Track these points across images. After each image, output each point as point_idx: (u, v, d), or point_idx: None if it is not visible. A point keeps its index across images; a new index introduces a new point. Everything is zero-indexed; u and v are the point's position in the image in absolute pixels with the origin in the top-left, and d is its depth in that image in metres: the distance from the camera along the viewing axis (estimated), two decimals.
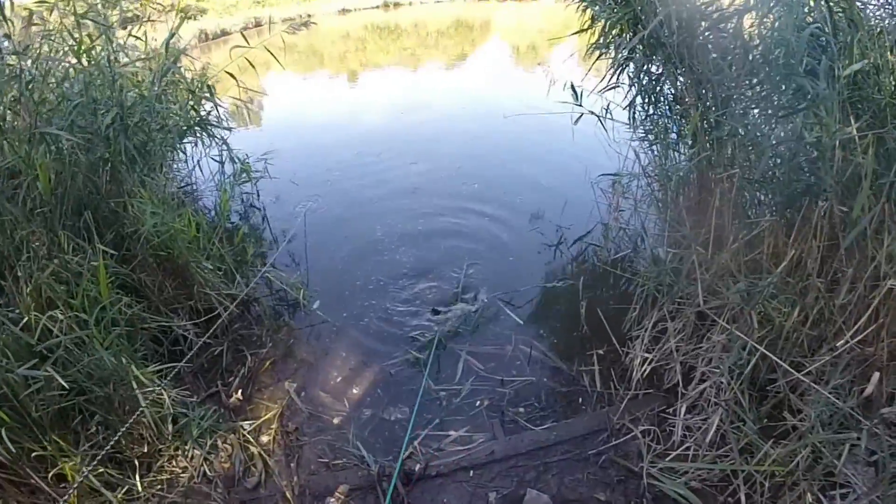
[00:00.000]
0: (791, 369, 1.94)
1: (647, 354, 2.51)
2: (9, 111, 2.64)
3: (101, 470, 2.13)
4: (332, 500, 2.25)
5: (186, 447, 2.39)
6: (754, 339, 2.04)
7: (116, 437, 1.93)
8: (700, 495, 2.03)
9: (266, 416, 2.69)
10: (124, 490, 2.13)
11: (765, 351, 2.00)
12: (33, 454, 2.03)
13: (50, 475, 2.02)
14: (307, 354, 3.18)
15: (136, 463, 2.26)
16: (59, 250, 2.53)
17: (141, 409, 2.21)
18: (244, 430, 2.58)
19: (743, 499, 1.96)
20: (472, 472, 2.38)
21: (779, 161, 2.24)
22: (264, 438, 2.57)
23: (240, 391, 2.79)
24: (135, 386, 2.32)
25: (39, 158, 2.55)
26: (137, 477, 2.20)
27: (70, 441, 2.16)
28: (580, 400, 2.71)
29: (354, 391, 2.92)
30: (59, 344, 2.13)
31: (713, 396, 2.15)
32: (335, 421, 2.72)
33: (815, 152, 2.01)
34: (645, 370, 2.48)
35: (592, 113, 3.16)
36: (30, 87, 2.65)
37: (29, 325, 2.11)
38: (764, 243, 2.19)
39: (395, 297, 3.65)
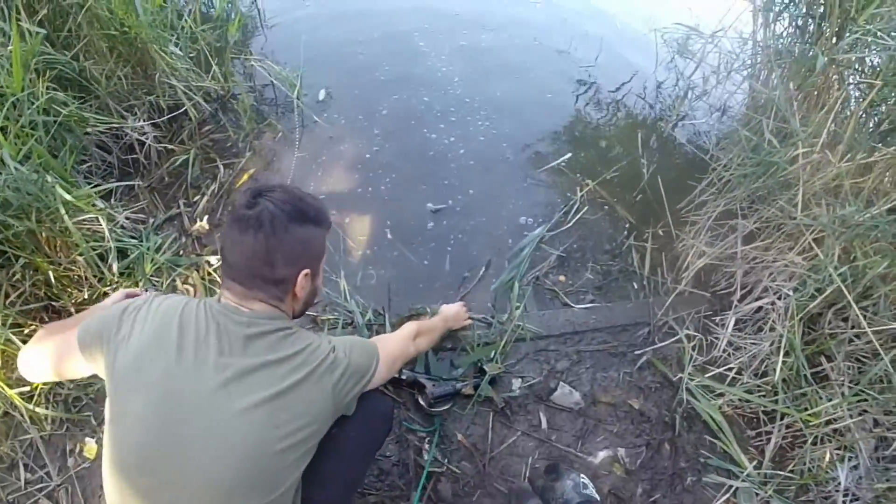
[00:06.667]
0: (867, 328, 1.58)
1: (705, 248, 2.09)
2: None
3: (32, 327, 1.73)
4: None
5: (138, 289, 1.93)
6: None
7: None
8: (729, 422, 1.85)
9: None
10: None
11: (846, 292, 1.59)
12: None
13: None
14: (296, 168, 2.51)
15: (74, 313, 1.83)
16: None
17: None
18: (210, 266, 2.09)
19: (771, 440, 1.77)
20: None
21: None
22: None
23: (206, 218, 2.23)
24: (63, 212, 1.77)
25: None
26: None
27: None
28: (624, 282, 2.25)
29: (351, 223, 2.33)
30: None
31: (771, 321, 1.84)
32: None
33: None
34: (697, 265, 2.09)
35: None
36: None
37: None
38: (871, 173, 1.74)
39: (421, 107, 2.86)
